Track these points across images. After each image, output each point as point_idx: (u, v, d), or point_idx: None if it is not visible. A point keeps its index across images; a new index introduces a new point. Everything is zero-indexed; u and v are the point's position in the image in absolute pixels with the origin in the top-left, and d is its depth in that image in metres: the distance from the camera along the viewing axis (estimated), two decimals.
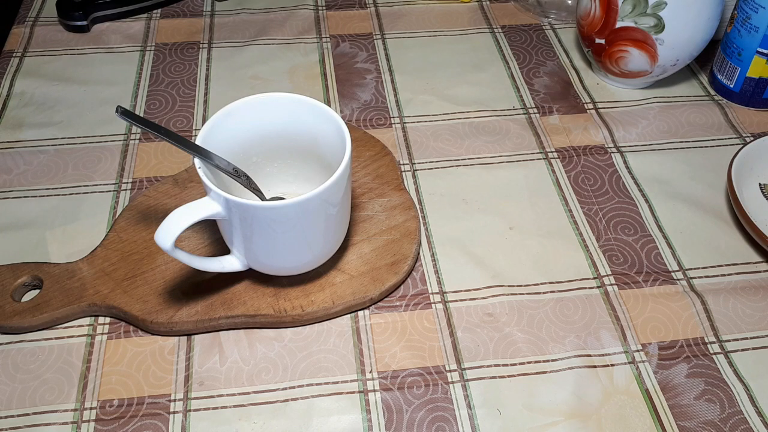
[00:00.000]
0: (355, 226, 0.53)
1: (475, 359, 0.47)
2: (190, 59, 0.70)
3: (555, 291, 0.51)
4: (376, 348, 0.48)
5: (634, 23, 0.61)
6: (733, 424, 0.44)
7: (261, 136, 0.49)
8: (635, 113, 0.66)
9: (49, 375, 0.46)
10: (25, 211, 0.56)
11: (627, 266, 0.53)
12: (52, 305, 0.48)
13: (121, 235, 0.52)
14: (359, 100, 0.66)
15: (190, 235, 0.53)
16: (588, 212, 0.57)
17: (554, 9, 0.77)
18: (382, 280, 0.50)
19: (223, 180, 0.46)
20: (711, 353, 0.48)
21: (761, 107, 0.66)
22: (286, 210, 0.42)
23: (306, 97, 0.47)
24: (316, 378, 0.46)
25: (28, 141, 0.62)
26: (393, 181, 0.56)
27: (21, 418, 0.44)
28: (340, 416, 0.45)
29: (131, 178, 0.58)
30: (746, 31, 0.62)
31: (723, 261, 0.54)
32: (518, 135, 0.63)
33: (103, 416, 0.44)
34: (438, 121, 0.64)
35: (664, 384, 0.46)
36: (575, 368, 0.47)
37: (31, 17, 0.75)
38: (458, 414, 0.45)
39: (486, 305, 0.50)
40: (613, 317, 0.50)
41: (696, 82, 0.69)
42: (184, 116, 0.64)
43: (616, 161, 0.61)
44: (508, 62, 0.71)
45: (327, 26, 0.75)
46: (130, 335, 0.48)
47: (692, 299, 0.51)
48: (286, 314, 0.48)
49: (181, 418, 0.44)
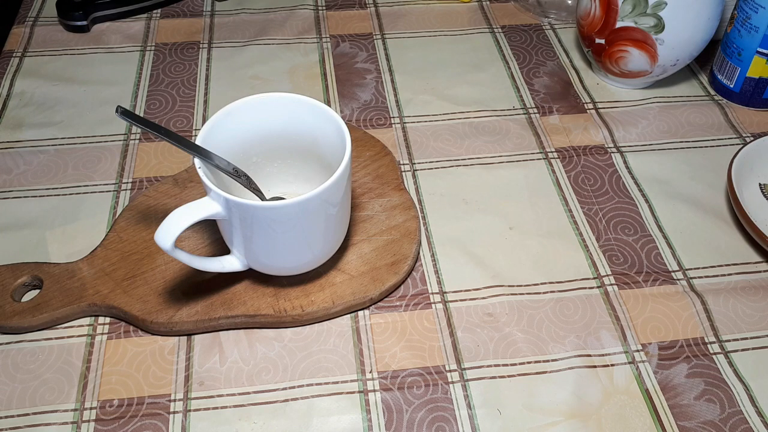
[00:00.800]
0: (355, 226, 0.53)
1: (475, 359, 0.47)
2: (190, 59, 0.70)
3: (555, 291, 0.51)
4: (376, 348, 0.48)
5: (634, 23, 0.61)
6: (733, 424, 0.44)
7: (261, 136, 0.49)
8: (635, 113, 0.66)
9: (49, 375, 0.46)
10: (25, 211, 0.56)
11: (627, 266, 0.53)
12: (52, 305, 0.48)
13: (121, 235, 0.52)
14: (359, 100, 0.66)
15: (190, 235, 0.53)
16: (588, 212, 0.57)
17: (554, 9, 0.77)
18: (382, 280, 0.50)
19: (223, 180, 0.46)
20: (711, 353, 0.48)
21: (761, 107, 0.66)
22: (286, 210, 0.42)
23: (306, 97, 0.47)
24: (316, 378, 0.46)
25: (28, 141, 0.62)
26: (393, 181, 0.56)
27: (21, 418, 0.44)
28: (340, 416, 0.45)
29: (131, 178, 0.58)
30: (746, 31, 0.62)
31: (723, 261, 0.54)
32: (518, 135, 0.63)
33: (103, 416, 0.44)
34: (438, 121, 0.64)
35: (664, 384, 0.46)
36: (575, 368, 0.47)
37: (31, 17, 0.75)
38: (458, 414, 0.45)
39: (486, 305, 0.50)
40: (613, 317, 0.50)
41: (696, 82, 0.69)
42: (184, 116, 0.64)
43: (616, 161, 0.61)
44: (508, 62, 0.71)
45: (327, 26, 0.75)
46: (130, 335, 0.48)
47: (692, 299, 0.51)
48: (286, 314, 0.48)
49: (181, 418, 0.44)
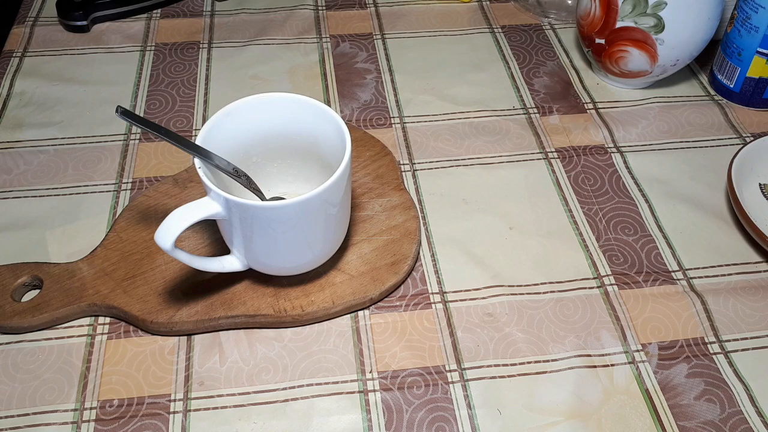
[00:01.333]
0: (355, 226, 0.53)
1: (475, 359, 0.47)
2: (190, 59, 0.70)
3: (555, 291, 0.51)
4: (376, 348, 0.48)
5: (634, 23, 0.61)
6: (733, 424, 0.44)
7: (261, 136, 0.49)
8: (635, 113, 0.66)
9: (49, 375, 0.46)
10: (25, 211, 0.56)
11: (627, 266, 0.53)
12: (52, 305, 0.48)
13: (121, 235, 0.52)
14: (359, 100, 0.66)
15: (190, 235, 0.53)
16: (588, 212, 0.57)
17: (554, 9, 0.77)
18: (382, 280, 0.50)
19: (223, 180, 0.46)
20: (711, 353, 0.48)
21: (761, 107, 0.66)
22: (286, 210, 0.42)
23: (306, 97, 0.47)
24: (316, 378, 0.46)
25: (28, 141, 0.61)
26: (393, 181, 0.56)
27: (21, 418, 0.44)
28: (340, 416, 0.45)
29: (131, 178, 0.58)
30: (746, 31, 0.62)
31: (723, 261, 0.54)
32: (518, 135, 0.63)
33: (103, 416, 0.44)
34: (438, 121, 0.64)
35: (664, 384, 0.46)
36: (575, 368, 0.47)
37: (31, 17, 0.75)
38: (458, 414, 0.45)
39: (486, 305, 0.50)
40: (613, 317, 0.50)
41: (696, 82, 0.69)
42: (184, 116, 0.64)
43: (616, 161, 0.61)
44: (508, 62, 0.71)
45: (327, 26, 0.75)
46: (130, 335, 0.48)
47: (692, 299, 0.51)
48: (286, 314, 0.48)
49: (181, 418, 0.44)
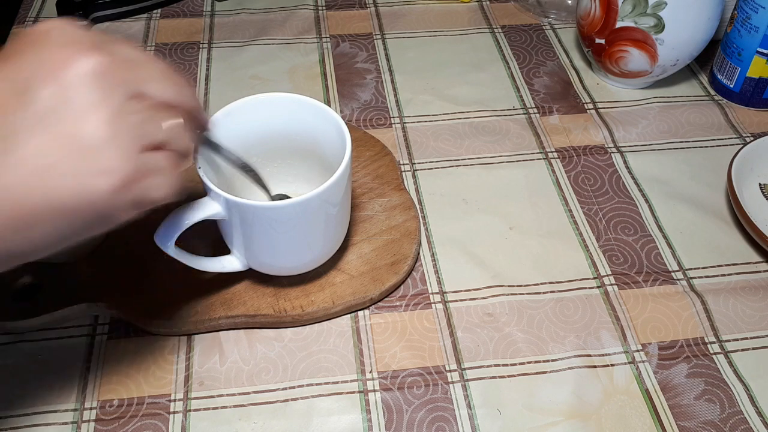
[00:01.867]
0: (355, 226, 0.53)
1: (475, 359, 0.47)
2: (190, 59, 0.70)
3: (555, 291, 0.51)
4: (376, 348, 0.48)
5: (634, 23, 0.61)
6: (733, 424, 0.44)
7: (261, 136, 0.49)
8: (635, 113, 0.66)
9: (49, 375, 0.46)
10: None
11: (627, 266, 0.53)
12: (52, 305, 0.48)
13: (122, 235, 0.52)
14: (359, 100, 0.66)
15: (190, 235, 0.52)
16: (588, 212, 0.57)
17: (554, 9, 0.77)
18: (382, 280, 0.50)
19: (223, 180, 0.46)
20: (711, 353, 0.48)
21: (761, 107, 0.66)
22: (286, 210, 0.42)
23: (306, 97, 0.47)
24: (316, 378, 0.46)
25: None
26: (393, 181, 0.56)
27: (21, 418, 0.44)
28: (340, 416, 0.44)
29: None
30: (746, 31, 0.62)
31: (723, 261, 0.54)
32: (518, 135, 0.63)
33: (103, 416, 0.44)
34: (438, 121, 0.64)
35: (664, 384, 0.46)
36: (575, 368, 0.47)
37: (31, 17, 0.75)
38: (458, 414, 0.45)
39: (486, 305, 0.50)
40: (613, 317, 0.50)
41: (696, 82, 0.69)
42: None
43: (616, 161, 0.61)
44: (508, 62, 0.71)
45: (327, 26, 0.75)
46: (130, 335, 0.48)
47: (692, 299, 0.51)
48: (286, 314, 0.48)
49: (181, 418, 0.44)
